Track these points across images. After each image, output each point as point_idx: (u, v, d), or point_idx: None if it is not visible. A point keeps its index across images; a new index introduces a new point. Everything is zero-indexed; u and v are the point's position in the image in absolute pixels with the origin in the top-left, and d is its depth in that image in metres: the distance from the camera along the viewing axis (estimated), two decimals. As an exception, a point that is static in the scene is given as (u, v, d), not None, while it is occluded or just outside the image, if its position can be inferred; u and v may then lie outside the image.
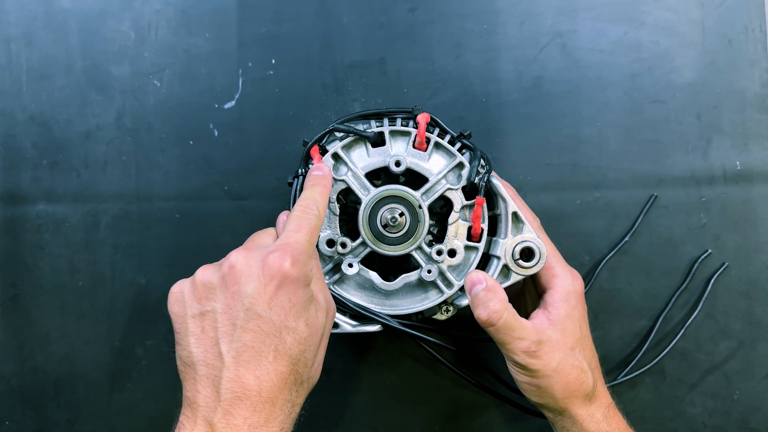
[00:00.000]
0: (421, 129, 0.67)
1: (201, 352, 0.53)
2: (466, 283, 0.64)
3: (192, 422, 0.52)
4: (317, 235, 0.59)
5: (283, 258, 0.54)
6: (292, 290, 0.53)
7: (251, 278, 0.53)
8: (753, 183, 0.79)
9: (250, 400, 0.51)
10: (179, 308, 0.56)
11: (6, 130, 0.79)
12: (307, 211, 0.59)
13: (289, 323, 0.53)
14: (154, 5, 0.79)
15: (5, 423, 0.80)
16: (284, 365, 0.53)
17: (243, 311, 0.53)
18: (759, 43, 0.79)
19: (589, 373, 0.63)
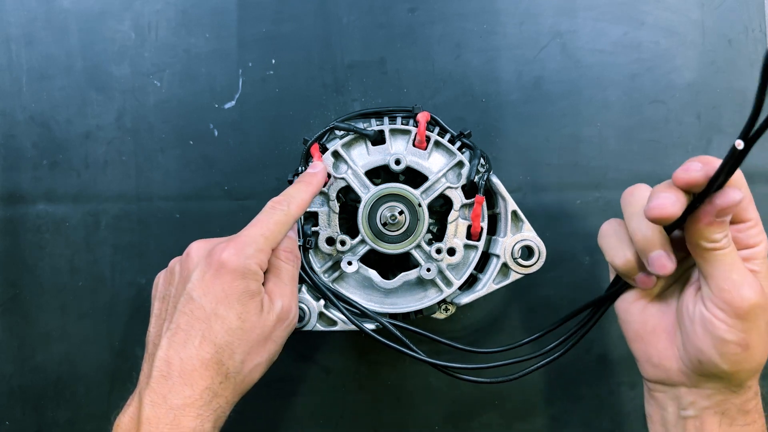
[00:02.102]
0: (421, 127, 0.67)
1: (154, 333, 0.58)
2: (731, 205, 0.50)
3: (132, 397, 0.56)
4: (281, 230, 0.60)
5: (226, 248, 0.56)
6: (227, 280, 0.55)
7: (197, 266, 0.57)
8: (753, 183, 0.78)
9: (173, 380, 0.53)
10: (154, 291, 0.62)
11: (6, 130, 0.79)
12: (275, 207, 0.61)
13: (219, 311, 0.55)
14: (154, 5, 0.79)
15: (5, 423, 0.80)
16: (207, 351, 0.54)
17: (184, 295, 0.56)
18: (759, 43, 0.79)
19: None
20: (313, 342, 0.79)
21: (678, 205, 0.51)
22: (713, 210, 0.51)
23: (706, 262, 0.53)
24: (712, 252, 0.52)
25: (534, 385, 0.79)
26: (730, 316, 0.52)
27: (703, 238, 0.52)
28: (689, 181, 0.51)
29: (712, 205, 0.51)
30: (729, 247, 0.52)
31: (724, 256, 0.52)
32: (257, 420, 0.79)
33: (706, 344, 0.54)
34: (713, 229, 0.51)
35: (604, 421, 0.80)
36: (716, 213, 0.50)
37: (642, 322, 0.60)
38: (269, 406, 0.79)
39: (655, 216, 0.51)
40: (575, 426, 0.80)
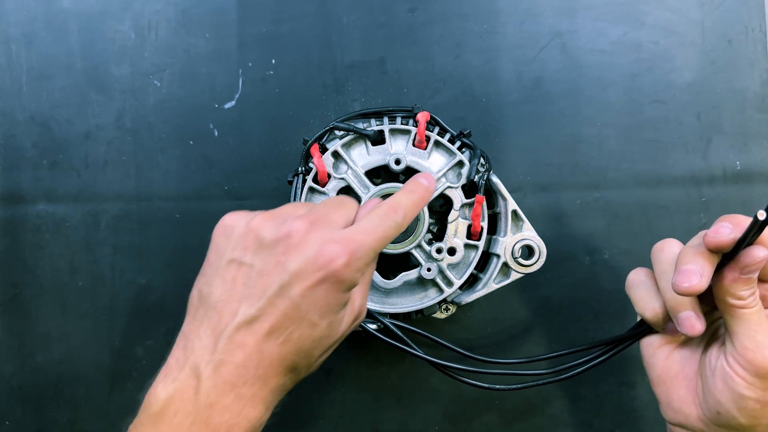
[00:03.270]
0: (421, 127, 0.67)
1: (221, 300, 0.51)
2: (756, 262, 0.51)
3: (179, 367, 0.51)
4: (386, 243, 0.54)
5: (341, 255, 0.50)
6: (332, 290, 0.50)
7: (300, 257, 0.50)
8: (753, 183, 0.79)
9: (247, 371, 0.49)
10: (223, 242, 0.54)
11: (6, 130, 0.79)
12: (390, 215, 0.55)
13: (313, 318, 0.50)
14: (154, 5, 0.79)
15: (5, 423, 0.79)
16: (290, 352, 0.51)
17: (278, 285, 0.50)
18: (759, 43, 0.79)
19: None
20: (313, 342, 0.79)
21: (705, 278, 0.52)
22: (738, 267, 0.52)
23: (731, 319, 0.53)
24: (737, 309, 0.53)
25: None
26: (751, 375, 0.52)
27: (729, 295, 0.53)
28: (718, 245, 0.51)
29: (737, 263, 0.52)
30: (756, 306, 0.53)
31: (750, 314, 0.53)
32: (257, 420, 0.79)
33: (725, 397, 0.54)
34: (738, 286, 0.52)
35: (604, 421, 0.80)
36: (741, 270, 0.51)
37: (666, 368, 0.60)
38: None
39: (682, 291, 0.52)
40: (575, 426, 0.80)
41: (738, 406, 0.54)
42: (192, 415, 0.49)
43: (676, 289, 0.52)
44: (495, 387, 0.66)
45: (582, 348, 0.65)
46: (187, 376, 0.50)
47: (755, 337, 0.52)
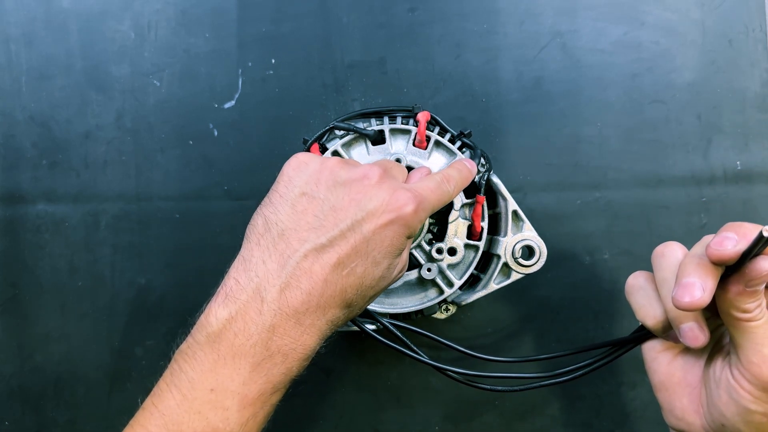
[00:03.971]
0: (422, 127, 0.67)
1: (291, 229, 0.53)
2: (761, 274, 0.50)
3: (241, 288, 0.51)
4: (439, 207, 0.58)
5: (411, 201, 0.53)
6: (398, 232, 0.53)
7: (376, 198, 0.53)
8: (753, 183, 0.79)
9: (310, 296, 0.50)
10: (296, 175, 0.55)
11: (6, 130, 0.79)
12: (444, 184, 0.59)
13: (377, 256, 0.52)
14: (154, 5, 0.79)
15: (5, 423, 0.79)
16: (352, 286, 0.52)
17: (352, 220, 0.52)
18: (759, 42, 0.79)
19: None
20: (313, 342, 0.79)
21: (708, 292, 0.50)
22: (743, 280, 0.50)
23: (736, 331, 0.52)
24: (743, 322, 0.51)
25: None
26: (757, 389, 0.51)
27: (734, 308, 0.51)
28: (721, 258, 0.50)
29: (742, 275, 0.50)
30: (762, 318, 0.51)
31: (756, 327, 0.51)
32: (257, 420, 0.79)
33: (731, 411, 0.53)
34: (743, 299, 0.51)
35: (604, 421, 0.80)
36: (746, 283, 0.50)
37: (668, 374, 0.59)
38: (269, 406, 0.79)
39: (683, 306, 0.51)
40: (575, 426, 0.80)
41: (744, 420, 0.53)
42: (254, 337, 0.49)
43: (676, 304, 0.51)
44: (496, 389, 0.66)
45: (583, 349, 0.65)
46: (250, 298, 0.50)
47: (762, 351, 0.51)
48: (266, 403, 0.51)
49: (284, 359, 0.50)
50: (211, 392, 0.49)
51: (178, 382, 0.50)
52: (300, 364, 0.52)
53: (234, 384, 0.49)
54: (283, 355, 0.50)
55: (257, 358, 0.49)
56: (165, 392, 0.50)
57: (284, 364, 0.50)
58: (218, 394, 0.49)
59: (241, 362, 0.49)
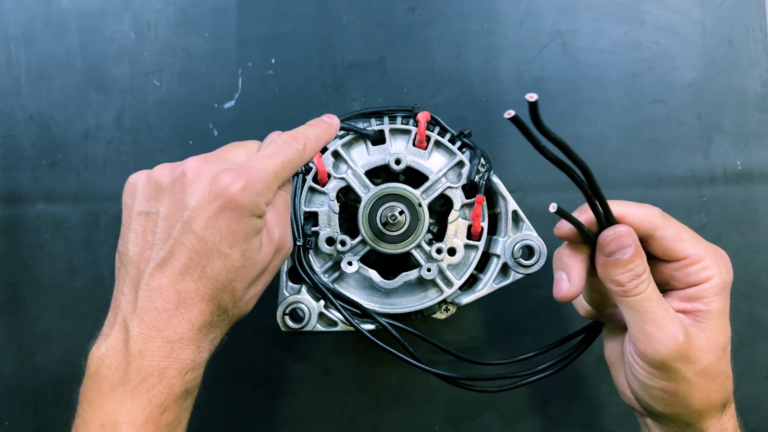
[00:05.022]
0: (422, 127, 0.67)
1: (136, 253, 0.52)
2: (608, 241, 0.53)
3: (110, 325, 0.52)
4: (291, 170, 0.56)
5: (236, 180, 0.50)
6: (234, 216, 0.50)
7: (197, 191, 0.51)
8: (754, 183, 0.79)
9: (169, 313, 0.50)
10: (130, 200, 0.55)
11: (6, 130, 0.79)
12: (291, 143, 0.56)
13: (222, 248, 0.50)
14: (153, 5, 0.79)
15: (5, 423, 0.79)
16: (208, 287, 0.51)
17: (181, 223, 0.50)
18: (759, 42, 0.79)
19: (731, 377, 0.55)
20: (314, 342, 0.79)
21: (574, 281, 0.54)
22: (601, 252, 0.53)
23: (623, 308, 0.54)
24: (623, 298, 0.53)
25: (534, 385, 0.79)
26: (648, 365, 0.53)
27: (607, 280, 0.53)
28: (562, 235, 0.55)
29: (598, 247, 0.53)
30: (643, 293, 0.52)
31: (637, 303, 0.52)
32: (257, 420, 0.79)
33: (635, 386, 0.55)
34: (610, 271, 0.52)
35: (604, 421, 0.80)
36: (605, 254, 0.53)
37: (608, 355, 0.62)
38: (269, 406, 0.79)
39: (558, 300, 0.55)
40: (575, 426, 0.80)
41: (648, 395, 0.54)
42: (124, 366, 0.50)
43: (556, 299, 0.55)
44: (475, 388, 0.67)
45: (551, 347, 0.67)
46: (117, 332, 0.51)
47: (644, 328, 0.52)
48: (158, 424, 0.50)
49: (160, 378, 0.50)
50: (102, 428, 0.49)
51: (76, 426, 0.51)
52: (181, 378, 0.51)
53: (119, 414, 0.49)
54: (158, 375, 0.50)
55: (133, 384, 0.49)
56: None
57: (162, 383, 0.50)
58: (109, 428, 0.49)
59: (119, 392, 0.49)
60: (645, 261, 0.53)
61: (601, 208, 0.52)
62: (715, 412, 0.54)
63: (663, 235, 0.53)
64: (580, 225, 0.53)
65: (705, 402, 0.53)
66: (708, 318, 0.53)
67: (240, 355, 0.78)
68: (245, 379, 0.79)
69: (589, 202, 0.51)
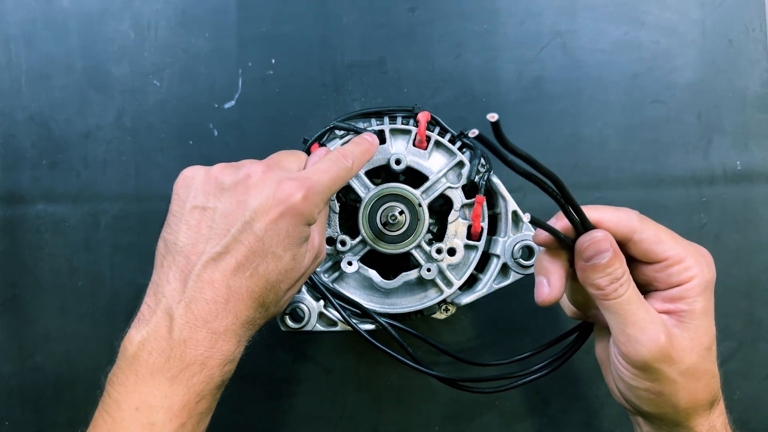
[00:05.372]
0: (422, 127, 0.66)
1: (188, 245, 0.54)
2: (585, 247, 0.53)
3: (152, 311, 0.53)
4: (339, 185, 0.58)
5: (298, 189, 0.53)
6: (293, 222, 0.53)
7: (261, 195, 0.53)
8: (753, 183, 0.79)
9: (218, 305, 0.51)
10: (184, 192, 0.56)
11: (6, 130, 0.79)
12: (341, 160, 0.59)
13: (277, 251, 0.53)
14: (153, 5, 0.79)
15: (5, 423, 0.79)
16: (258, 285, 0.53)
17: (241, 222, 0.52)
18: (759, 42, 0.79)
19: (718, 375, 0.55)
20: (314, 342, 0.79)
21: (555, 285, 0.55)
22: (579, 257, 0.54)
23: (604, 311, 0.54)
24: (603, 301, 0.53)
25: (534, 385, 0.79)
26: (632, 367, 0.53)
27: (588, 285, 0.54)
28: (540, 243, 0.56)
29: (576, 253, 0.54)
30: (623, 296, 0.53)
31: (617, 305, 0.53)
32: (257, 420, 0.79)
33: (621, 386, 0.56)
34: (590, 275, 0.53)
35: (604, 421, 0.80)
36: (583, 259, 0.53)
37: (598, 356, 0.62)
38: (269, 406, 0.79)
39: (540, 305, 0.56)
40: (574, 426, 0.80)
41: (635, 396, 0.55)
42: (167, 352, 0.50)
43: (537, 303, 0.56)
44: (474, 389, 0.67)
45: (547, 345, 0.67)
46: (160, 318, 0.51)
47: (625, 331, 0.52)
48: (192, 412, 0.51)
49: (202, 368, 0.51)
50: (137, 411, 0.50)
51: (107, 407, 0.51)
52: (221, 369, 0.52)
53: (156, 399, 0.50)
54: (200, 365, 0.51)
55: (174, 372, 0.50)
56: (97, 419, 0.52)
57: (203, 373, 0.51)
58: (143, 412, 0.50)
59: (159, 378, 0.50)
60: (624, 264, 0.53)
61: (576, 215, 0.52)
62: (703, 411, 0.54)
63: (641, 238, 0.54)
64: (556, 232, 0.53)
65: (691, 401, 0.53)
66: (691, 318, 0.53)
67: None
68: (245, 379, 0.79)
69: (564, 210, 0.52)
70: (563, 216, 0.53)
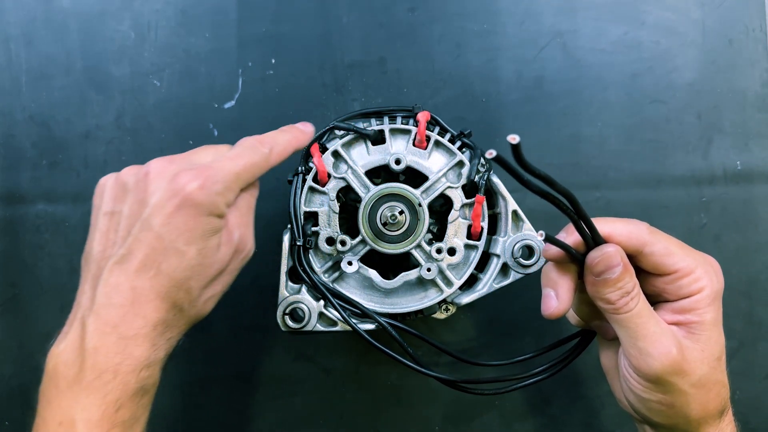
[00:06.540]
0: (422, 127, 0.66)
1: (98, 252, 0.54)
2: (596, 262, 0.52)
3: (70, 323, 0.53)
4: (254, 173, 0.57)
5: (194, 179, 0.52)
6: (191, 214, 0.51)
7: (158, 190, 0.52)
8: (753, 183, 0.79)
9: (124, 309, 0.50)
10: (98, 200, 0.57)
11: (6, 130, 0.79)
12: (257, 146, 0.57)
13: (179, 246, 0.51)
14: (153, 5, 0.79)
15: (5, 423, 0.79)
16: (163, 284, 0.51)
17: (141, 221, 0.52)
18: (759, 43, 0.79)
19: (728, 385, 0.55)
20: (313, 342, 0.79)
21: (563, 298, 0.55)
22: (589, 271, 0.53)
23: (614, 324, 0.54)
24: (614, 315, 0.53)
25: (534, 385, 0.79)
26: (643, 380, 0.53)
27: (597, 298, 0.54)
28: (550, 258, 0.55)
29: (586, 267, 0.53)
30: (633, 310, 0.52)
31: (628, 319, 0.52)
32: (257, 420, 0.79)
33: (631, 398, 0.56)
34: (599, 290, 0.53)
35: (604, 421, 0.80)
36: (594, 273, 0.53)
37: (604, 364, 0.62)
38: (269, 406, 0.79)
39: (547, 317, 0.55)
40: (575, 426, 0.80)
41: (645, 407, 0.55)
42: (80, 362, 0.50)
43: (543, 316, 0.55)
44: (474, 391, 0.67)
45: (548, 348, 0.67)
46: (75, 329, 0.51)
47: (637, 344, 0.52)
48: (114, 421, 0.50)
49: (115, 375, 0.50)
50: (60, 425, 0.50)
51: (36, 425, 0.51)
52: (136, 375, 0.51)
53: (75, 412, 0.49)
54: (112, 372, 0.50)
55: (88, 381, 0.50)
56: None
57: (117, 380, 0.50)
58: (65, 426, 0.49)
59: (76, 390, 0.50)
60: (634, 277, 0.53)
61: (588, 230, 0.52)
62: (713, 420, 0.54)
63: (652, 251, 0.54)
64: (569, 248, 0.53)
65: (702, 411, 0.53)
66: (702, 329, 0.53)
67: (240, 354, 0.79)
68: (245, 379, 0.79)
69: (576, 226, 0.51)
70: (573, 230, 0.52)
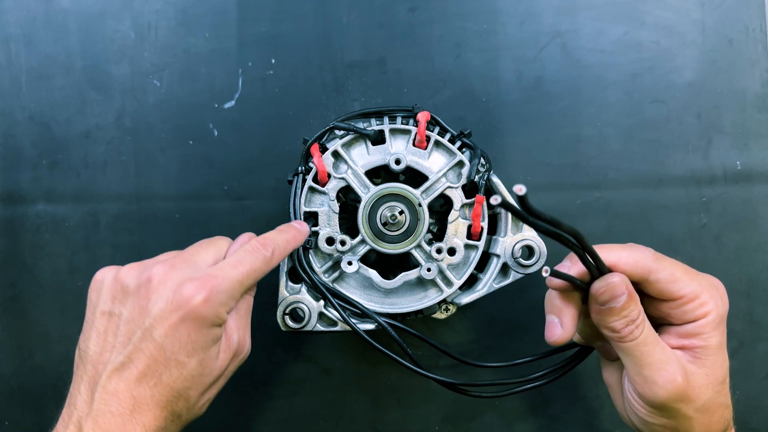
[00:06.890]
0: (422, 127, 0.66)
1: (95, 353, 0.53)
2: (601, 292, 0.53)
3: (65, 425, 0.52)
4: (256, 277, 0.56)
5: (199, 291, 0.51)
6: (194, 327, 0.51)
7: (161, 299, 0.51)
8: (753, 183, 0.79)
9: (123, 417, 0.50)
10: (95, 296, 0.56)
11: (6, 130, 0.79)
12: (258, 250, 0.57)
13: (180, 357, 0.51)
14: (153, 5, 0.79)
15: (5, 423, 0.79)
16: (163, 394, 0.51)
17: (142, 329, 0.51)
18: (759, 43, 0.79)
19: (731, 406, 0.55)
20: (313, 342, 0.79)
21: (567, 326, 0.55)
22: (594, 300, 0.53)
23: (619, 352, 0.54)
24: (618, 343, 0.53)
25: (534, 385, 0.80)
26: (648, 405, 0.53)
27: (603, 327, 0.54)
28: (554, 288, 0.55)
29: (591, 297, 0.53)
30: (638, 338, 0.52)
31: (633, 347, 0.53)
32: (257, 420, 0.79)
33: (635, 419, 0.56)
34: (605, 318, 0.53)
35: (604, 421, 0.80)
36: (599, 302, 0.53)
37: (608, 376, 0.62)
38: (269, 406, 0.79)
39: (551, 344, 0.56)
40: (575, 426, 0.80)
41: (648, 429, 0.55)
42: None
43: (547, 342, 0.56)
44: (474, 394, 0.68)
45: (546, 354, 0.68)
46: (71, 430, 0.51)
47: (642, 372, 0.52)
48: None
49: None
50: None
51: None
52: None
53: None
54: None
55: None
56: None
57: None
58: None
59: None
60: (639, 305, 0.53)
61: (593, 261, 0.52)
62: None
63: (657, 278, 0.54)
64: (573, 280, 0.53)
65: None
66: (707, 354, 0.53)
67: (240, 355, 0.79)
68: (245, 379, 0.79)
69: (582, 260, 0.52)
70: (577, 259, 0.52)
